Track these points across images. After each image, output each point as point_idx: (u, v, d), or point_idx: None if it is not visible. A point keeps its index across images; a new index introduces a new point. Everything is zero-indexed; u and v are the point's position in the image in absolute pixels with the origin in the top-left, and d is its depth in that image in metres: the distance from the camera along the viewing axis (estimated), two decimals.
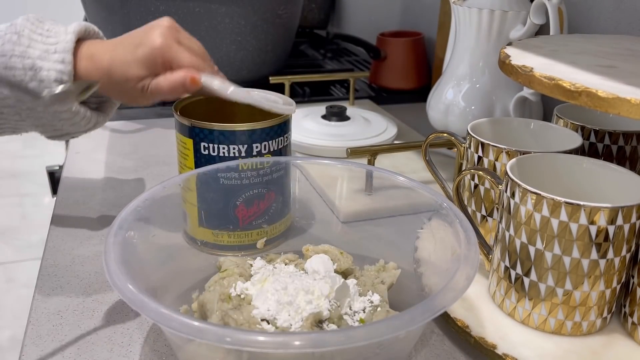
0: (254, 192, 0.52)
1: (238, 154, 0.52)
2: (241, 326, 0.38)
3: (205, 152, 0.52)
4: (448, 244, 0.41)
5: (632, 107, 0.36)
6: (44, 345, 0.43)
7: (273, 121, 0.52)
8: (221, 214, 0.52)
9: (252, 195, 0.52)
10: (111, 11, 0.91)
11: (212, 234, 0.53)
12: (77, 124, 0.53)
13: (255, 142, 0.52)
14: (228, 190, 0.51)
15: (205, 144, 0.52)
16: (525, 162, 0.46)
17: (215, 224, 0.52)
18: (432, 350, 0.44)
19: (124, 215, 0.42)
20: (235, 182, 0.51)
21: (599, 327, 0.43)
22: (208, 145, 0.52)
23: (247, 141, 0.52)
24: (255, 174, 0.51)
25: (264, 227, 0.53)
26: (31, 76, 0.49)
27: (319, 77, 1.03)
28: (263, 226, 0.53)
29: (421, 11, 1.14)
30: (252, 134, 0.52)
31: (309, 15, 1.52)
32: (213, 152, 0.52)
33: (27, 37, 0.49)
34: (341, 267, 0.46)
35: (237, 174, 0.51)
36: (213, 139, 0.51)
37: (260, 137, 0.52)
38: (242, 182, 0.51)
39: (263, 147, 0.52)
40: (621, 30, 0.65)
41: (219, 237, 0.53)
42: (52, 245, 0.56)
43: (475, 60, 0.69)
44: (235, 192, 0.51)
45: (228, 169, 0.50)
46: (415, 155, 0.75)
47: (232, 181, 0.51)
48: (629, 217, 0.39)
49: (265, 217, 0.53)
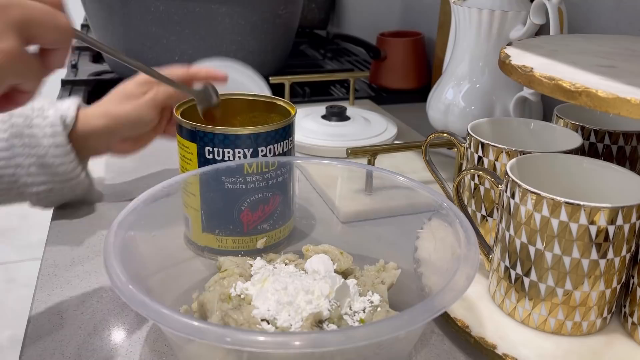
0: (259, 196, 0.51)
1: (244, 157, 0.51)
2: (241, 326, 0.38)
3: (210, 157, 0.51)
4: (448, 244, 0.41)
5: (632, 107, 0.36)
6: (44, 345, 0.43)
7: (278, 124, 0.52)
8: (226, 218, 0.51)
9: (257, 199, 0.51)
10: (111, 11, 0.91)
11: (216, 240, 0.52)
12: (65, 166, 0.57)
13: (260, 146, 0.51)
14: (233, 194, 0.50)
15: (210, 148, 0.51)
16: (525, 162, 0.46)
17: (219, 229, 0.51)
18: (432, 350, 0.44)
19: (124, 215, 0.42)
20: (240, 187, 0.50)
21: (599, 327, 0.43)
22: (213, 149, 0.51)
23: (252, 145, 0.51)
24: (261, 177, 0.50)
25: (268, 232, 0.52)
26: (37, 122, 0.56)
27: (319, 77, 1.03)
28: (267, 230, 0.52)
29: (421, 11, 1.14)
30: (257, 137, 0.51)
31: (309, 15, 1.52)
32: (218, 157, 0.51)
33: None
34: (341, 267, 0.46)
35: (242, 177, 0.50)
36: (218, 142, 0.50)
37: (266, 141, 0.51)
38: (247, 187, 0.50)
39: (268, 151, 0.52)
40: (621, 30, 0.65)
41: (223, 242, 0.52)
42: (52, 245, 0.56)
43: (475, 60, 0.69)
44: (240, 196, 0.50)
45: (229, 170, 0.49)
46: (415, 155, 0.75)
47: (237, 185, 0.50)
48: (629, 217, 0.39)
49: (270, 221, 0.52)
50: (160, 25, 0.88)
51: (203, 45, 0.91)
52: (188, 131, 0.52)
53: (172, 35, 0.89)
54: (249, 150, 0.51)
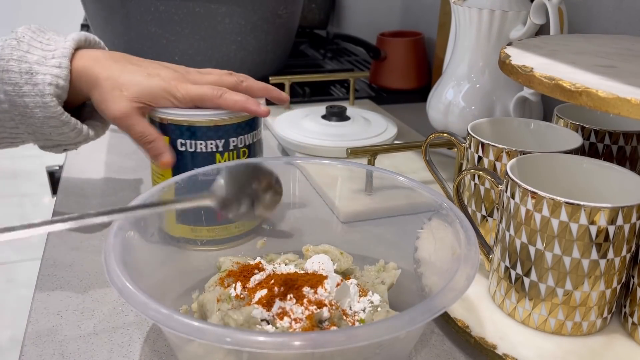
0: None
1: (215, 148, 0.53)
2: (241, 326, 0.38)
3: (182, 149, 0.53)
4: (448, 244, 0.41)
5: (632, 107, 0.36)
6: (44, 345, 0.43)
7: (247, 115, 0.54)
8: (199, 208, 0.51)
9: None
10: (111, 11, 0.91)
11: (191, 230, 0.52)
12: (65, 135, 0.53)
13: (231, 137, 0.53)
14: (205, 184, 0.51)
15: (182, 141, 0.52)
16: (525, 162, 0.46)
17: (193, 219, 0.52)
18: (432, 350, 0.44)
19: (124, 215, 0.42)
20: (212, 178, 0.51)
21: (599, 327, 0.43)
22: (185, 141, 0.52)
23: (224, 136, 0.52)
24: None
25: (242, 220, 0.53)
26: (26, 79, 0.50)
27: (319, 77, 1.03)
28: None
29: (421, 11, 1.14)
30: (229, 129, 0.52)
31: (309, 15, 1.52)
32: (190, 149, 0.52)
33: (26, 44, 0.51)
34: (341, 267, 0.46)
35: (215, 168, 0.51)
36: (190, 135, 0.52)
37: (236, 132, 0.53)
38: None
39: (240, 142, 0.54)
40: (621, 30, 0.65)
41: (198, 232, 0.53)
42: (52, 245, 0.56)
43: (475, 60, 0.69)
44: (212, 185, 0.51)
45: (210, 172, 0.50)
46: (415, 155, 0.75)
47: (209, 177, 0.51)
48: (629, 217, 0.39)
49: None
50: (160, 25, 0.88)
51: (203, 45, 0.91)
52: (159, 125, 0.53)
53: (172, 35, 0.89)
54: (221, 140, 0.53)
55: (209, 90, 0.53)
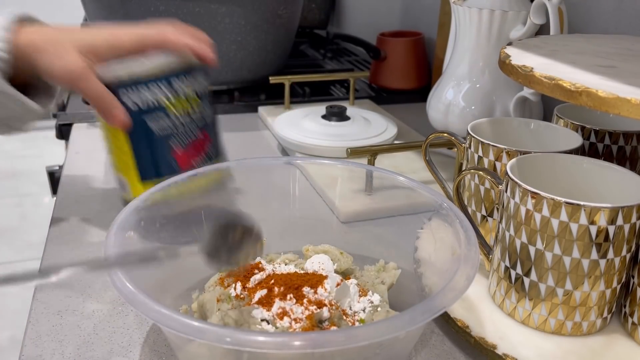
0: (188, 135, 0.53)
1: (160, 92, 0.51)
2: (241, 326, 0.38)
3: (129, 103, 0.51)
4: (448, 244, 0.41)
5: (632, 107, 0.36)
6: (44, 345, 0.43)
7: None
8: (160, 162, 0.52)
9: (186, 137, 0.53)
10: (111, 11, 0.91)
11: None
12: (10, 109, 0.51)
13: (178, 83, 0.52)
14: (162, 137, 0.52)
15: (129, 95, 0.51)
16: (525, 162, 0.46)
17: (155, 173, 0.52)
18: (432, 350, 0.44)
19: (124, 215, 0.42)
20: (167, 126, 0.52)
21: (599, 327, 0.43)
22: (131, 95, 0.51)
23: (171, 83, 0.52)
24: (188, 119, 0.53)
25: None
26: None
27: (319, 77, 1.03)
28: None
29: (421, 11, 1.14)
30: (175, 76, 0.52)
31: (309, 15, 1.52)
32: (136, 100, 0.51)
33: None
34: (341, 267, 0.46)
35: (167, 118, 0.52)
36: (134, 89, 0.51)
37: (183, 79, 0.52)
38: (176, 125, 0.52)
39: (180, 81, 0.52)
40: (621, 30, 0.65)
41: (167, 191, 0.50)
42: (52, 245, 0.56)
43: (475, 60, 0.69)
44: (168, 136, 0.52)
45: (151, 110, 0.51)
46: (415, 155, 0.75)
47: (165, 128, 0.52)
48: (629, 217, 0.39)
49: (205, 160, 0.54)
50: None
51: None
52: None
53: None
54: (167, 88, 0.52)
55: (153, 29, 0.52)
